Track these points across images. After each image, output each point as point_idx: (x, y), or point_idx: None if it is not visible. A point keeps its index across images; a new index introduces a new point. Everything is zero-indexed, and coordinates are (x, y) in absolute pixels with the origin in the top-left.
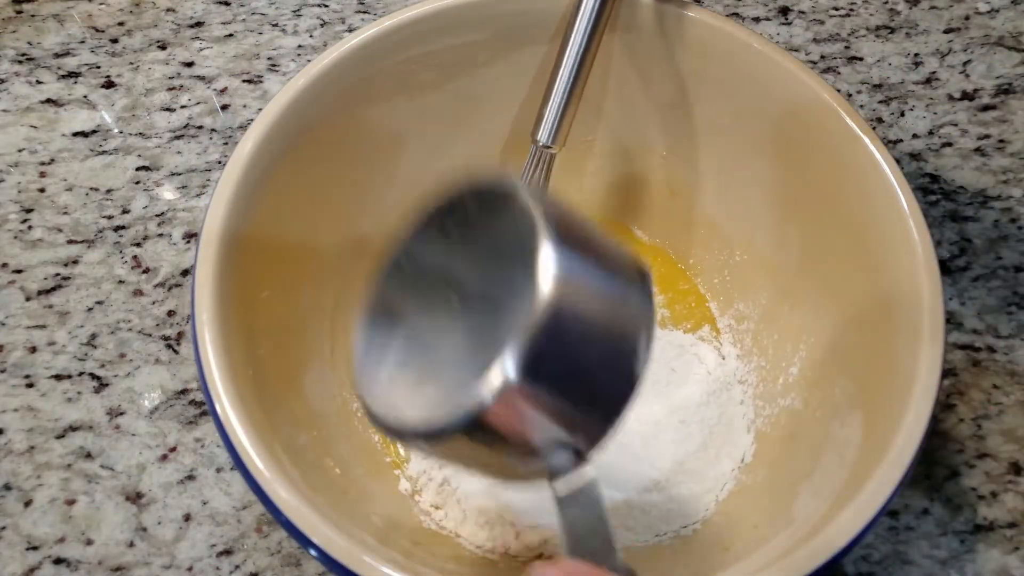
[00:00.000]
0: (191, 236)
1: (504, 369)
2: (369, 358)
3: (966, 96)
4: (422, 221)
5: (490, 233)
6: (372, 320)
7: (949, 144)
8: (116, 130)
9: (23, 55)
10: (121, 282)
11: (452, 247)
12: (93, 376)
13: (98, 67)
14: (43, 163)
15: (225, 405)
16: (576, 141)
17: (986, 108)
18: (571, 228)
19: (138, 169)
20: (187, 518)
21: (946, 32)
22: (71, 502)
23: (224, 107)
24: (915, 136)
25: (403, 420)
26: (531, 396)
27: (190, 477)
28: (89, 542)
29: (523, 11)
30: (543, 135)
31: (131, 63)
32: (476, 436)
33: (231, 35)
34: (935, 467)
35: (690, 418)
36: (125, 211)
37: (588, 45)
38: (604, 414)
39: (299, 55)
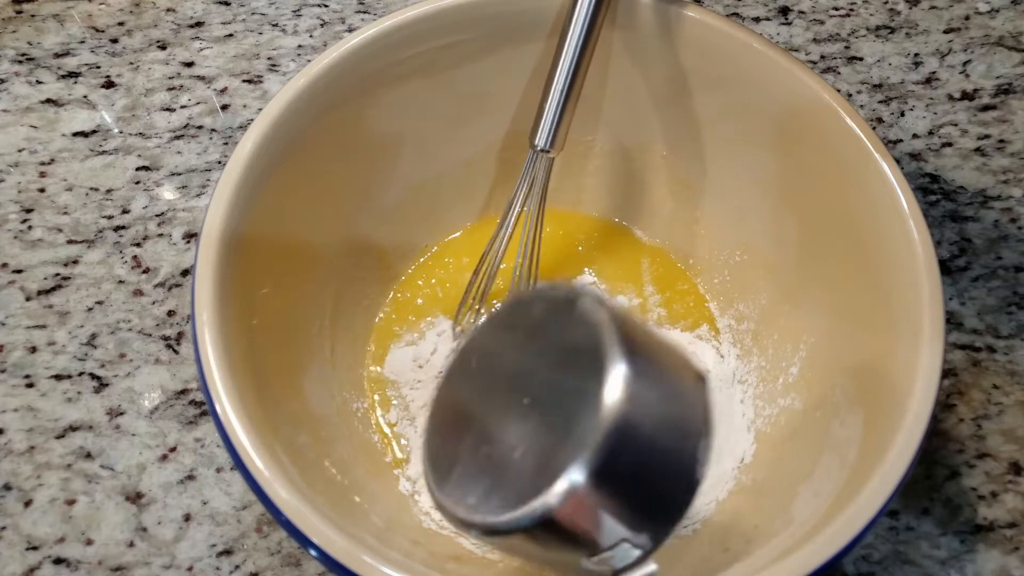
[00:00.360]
0: (191, 236)
1: (571, 477)
2: (438, 454)
3: (966, 96)
4: (492, 323)
5: (558, 339)
6: (441, 416)
7: (949, 144)
8: (116, 130)
9: (23, 55)
10: (121, 282)
11: (520, 350)
12: (93, 376)
13: (98, 67)
14: (43, 163)
15: (225, 405)
16: (576, 141)
17: (986, 108)
18: (635, 336)
19: (138, 169)
20: (187, 518)
21: (946, 32)
22: (71, 502)
23: (224, 107)
24: (915, 136)
25: (472, 517)
26: (595, 502)
27: (190, 477)
28: (89, 542)
29: (522, 11)
30: (541, 139)
31: (131, 63)
32: (541, 536)
33: (231, 35)
34: (935, 467)
35: None
36: (125, 211)
37: (584, 47)
38: (666, 515)
39: (299, 55)
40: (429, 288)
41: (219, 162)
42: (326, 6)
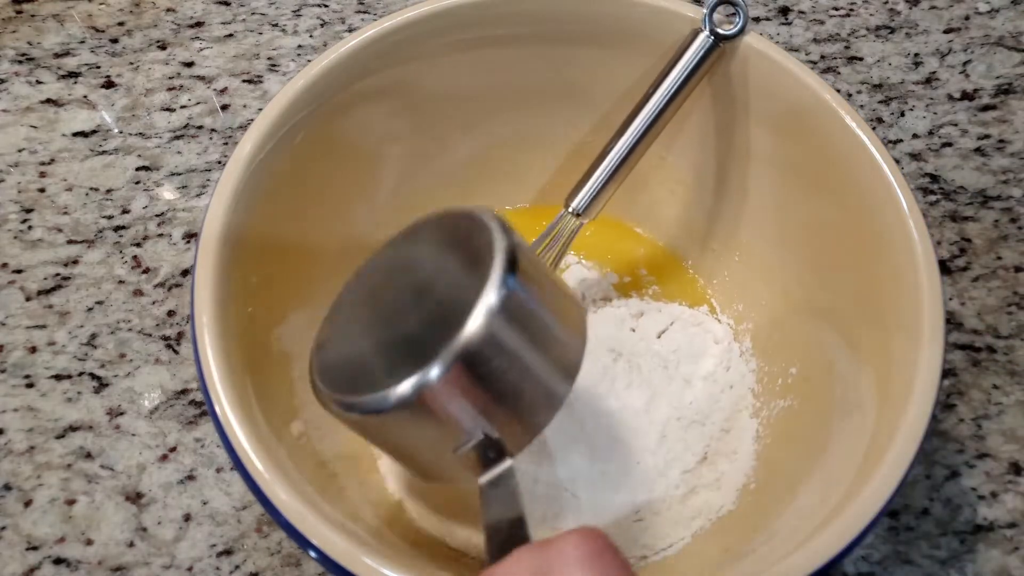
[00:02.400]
0: (191, 236)
1: (440, 362)
2: (325, 351)
3: (966, 96)
4: (396, 238)
5: (452, 248)
6: (339, 310)
7: (949, 144)
8: (116, 130)
9: (23, 55)
10: (121, 282)
11: (416, 258)
12: (93, 376)
13: (98, 67)
14: (43, 163)
15: (224, 406)
16: (577, 142)
17: (986, 108)
18: (522, 251)
19: (138, 169)
20: (187, 518)
21: (946, 32)
22: (71, 502)
23: (224, 107)
24: (915, 136)
25: (351, 398)
26: (459, 389)
27: (190, 477)
28: (89, 542)
29: (523, 11)
30: (578, 205)
31: (131, 63)
32: (411, 419)
33: (231, 35)
34: (935, 467)
35: (689, 418)
36: (125, 211)
37: (649, 130)
38: (526, 423)
39: (299, 55)
40: None
41: (219, 162)
42: (326, 6)
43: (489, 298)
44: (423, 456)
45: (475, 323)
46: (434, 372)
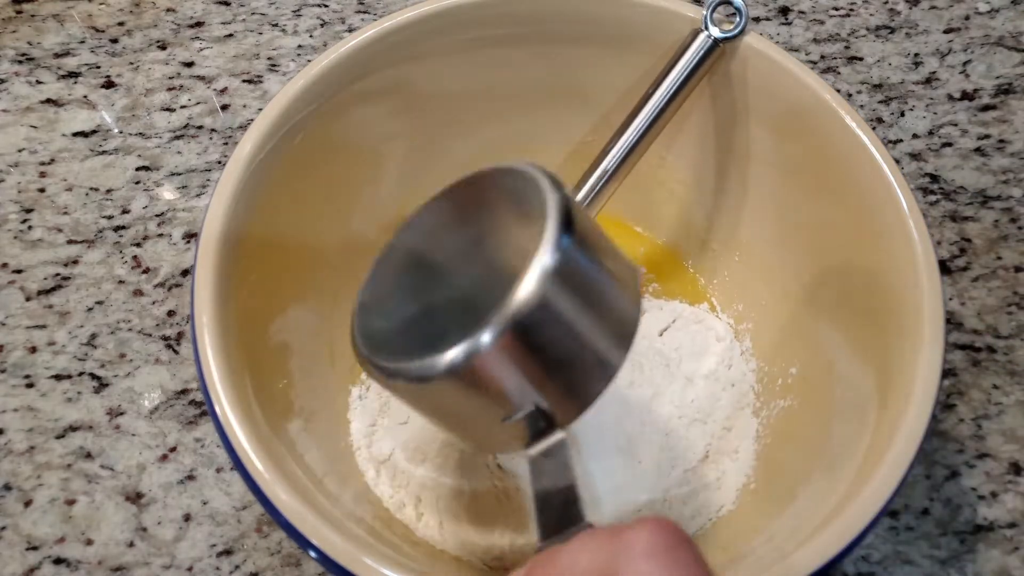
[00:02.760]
0: (191, 236)
1: (492, 329)
2: (372, 304)
3: (966, 96)
4: (445, 192)
5: (503, 207)
6: (382, 270)
7: (949, 144)
8: (116, 130)
9: (23, 55)
10: (121, 282)
11: (464, 217)
12: (93, 376)
13: (98, 67)
14: (43, 163)
15: (224, 406)
16: (578, 142)
17: (986, 108)
18: (580, 213)
19: (138, 169)
20: (187, 518)
21: (946, 32)
22: (71, 502)
23: (224, 107)
24: (915, 136)
25: (397, 364)
26: (517, 355)
27: (190, 477)
28: (89, 542)
29: (523, 12)
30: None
31: (131, 63)
32: (459, 388)
33: (231, 35)
34: (935, 467)
35: (691, 416)
36: (125, 211)
37: (653, 126)
38: (581, 391)
39: (299, 55)
40: None
41: (219, 162)
42: (326, 6)
43: (544, 260)
44: (470, 425)
45: (528, 287)
46: (485, 339)
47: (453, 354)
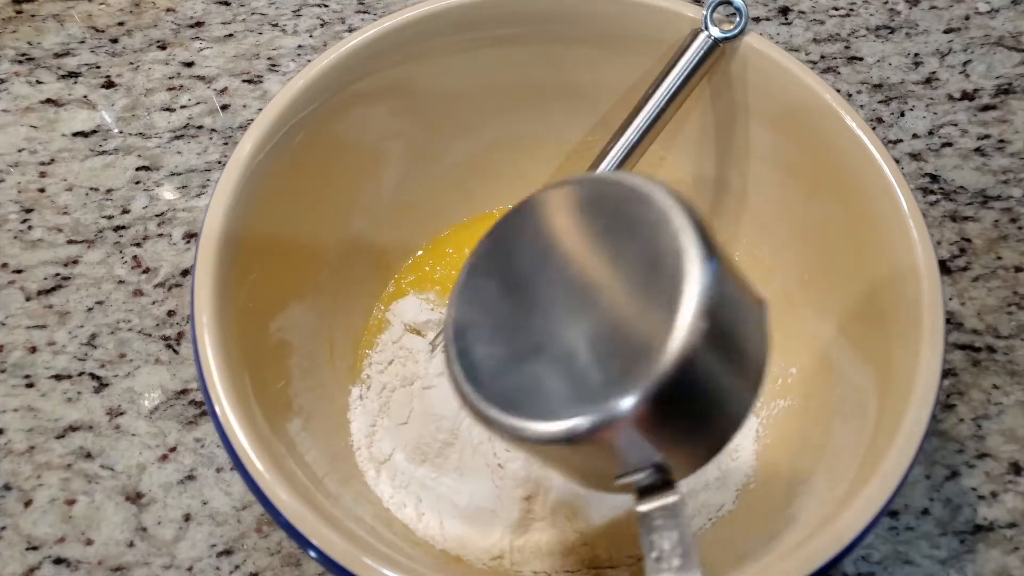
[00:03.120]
0: (191, 236)
1: (627, 398)
2: (470, 333)
3: (966, 96)
4: (545, 200)
5: (624, 231)
6: (476, 291)
7: (949, 144)
8: (116, 130)
9: (23, 55)
10: (121, 282)
11: (574, 237)
12: (93, 376)
13: (98, 67)
14: (43, 163)
15: (224, 406)
16: (577, 142)
17: (986, 108)
18: (713, 243)
19: (138, 169)
20: (187, 518)
21: (946, 32)
22: (71, 502)
23: (224, 107)
24: (915, 136)
25: (510, 421)
26: (643, 426)
27: (190, 477)
28: (89, 542)
29: (522, 12)
30: None
31: (131, 63)
32: (579, 448)
33: (231, 35)
34: (935, 467)
35: None
36: (125, 211)
37: (653, 126)
38: (707, 447)
39: (299, 55)
40: (427, 285)
41: (219, 162)
42: (326, 6)
43: (689, 326)
44: (579, 474)
45: (671, 358)
46: (616, 411)
47: (577, 422)
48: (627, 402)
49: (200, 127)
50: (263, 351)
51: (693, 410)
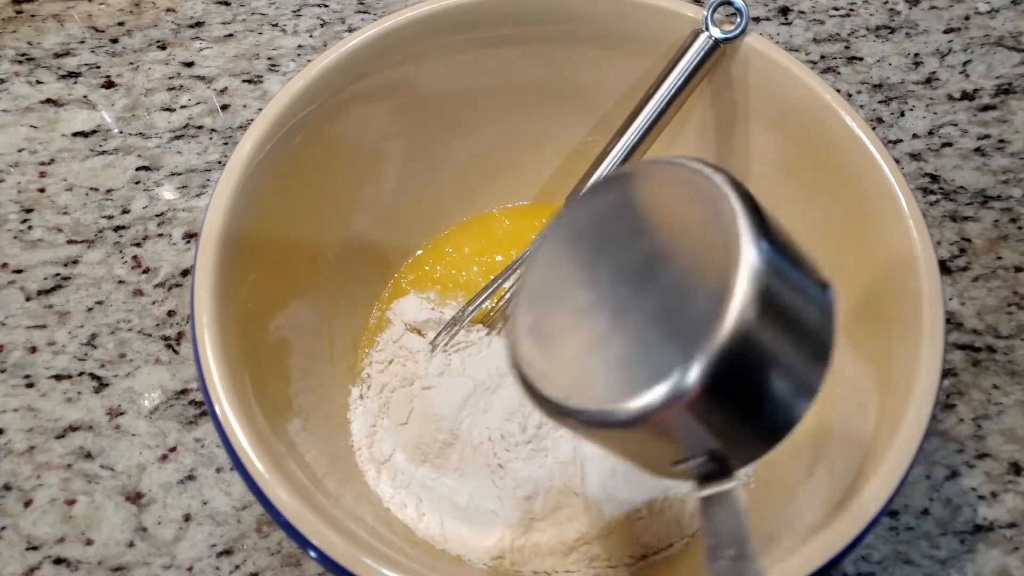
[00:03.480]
0: (191, 236)
1: (683, 380)
2: (531, 332)
3: (966, 96)
4: (611, 188)
5: (678, 215)
6: (536, 291)
7: (949, 144)
8: (116, 130)
9: (23, 55)
10: (121, 282)
11: (633, 224)
12: (93, 376)
13: (98, 67)
14: (43, 163)
15: (224, 406)
16: (577, 142)
17: (986, 108)
18: (769, 224)
19: (138, 169)
20: (187, 518)
21: (946, 32)
22: (71, 502)
23: (224, 107)
24: (915, 136)
25: (570, 402)
26: (703, 411)
27: (190, 477)
28: (89, 542)
29: (522, 12)
30: None
31: (131, 63)
32: (633, 432)
33: (231, 35)
34: (935, 467)
35: None
36: (125, 211)
37: (654, 126)
38: (767, 436)
39: (299, 55)
40: (428, 284)
41: (219, 162)
42: (326, 6)
43: (741, 304)
44: (638, 459)
45: (725, 338)
46: (671, 392)
47: (635, 404)
48: (672, 384)
49: (200, 127)
50: (263, 351)
51: (753, 388)
